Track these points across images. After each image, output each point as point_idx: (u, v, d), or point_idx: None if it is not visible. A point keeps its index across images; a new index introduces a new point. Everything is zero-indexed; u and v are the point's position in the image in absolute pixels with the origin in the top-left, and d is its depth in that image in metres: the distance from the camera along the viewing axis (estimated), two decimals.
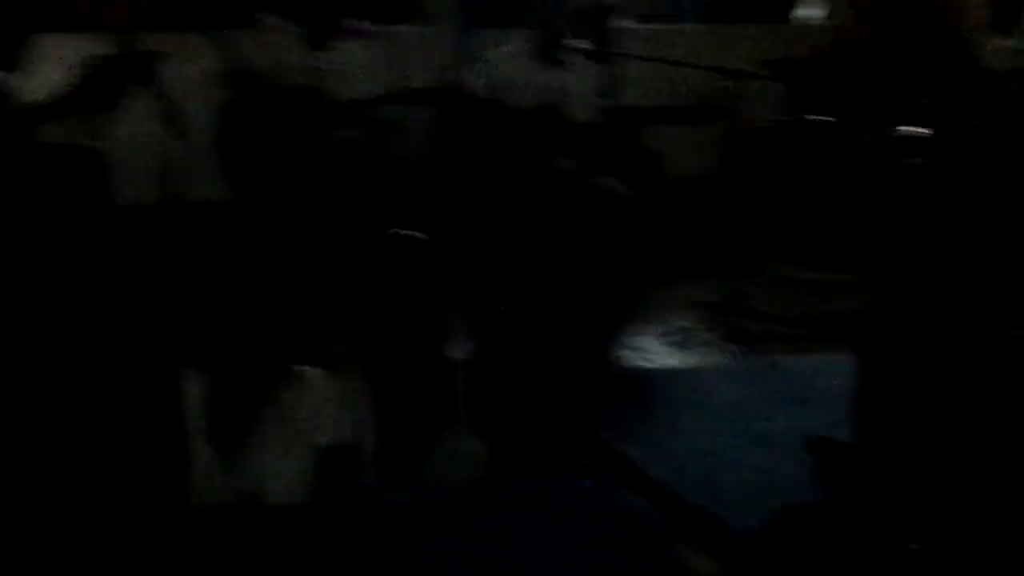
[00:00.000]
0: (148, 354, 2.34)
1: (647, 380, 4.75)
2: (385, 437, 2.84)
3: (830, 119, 6.32)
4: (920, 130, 5.83)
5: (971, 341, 1.79)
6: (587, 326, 4.56)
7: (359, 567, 2.30)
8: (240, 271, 2.64)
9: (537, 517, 1.99)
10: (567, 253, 4.88)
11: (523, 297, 2.36)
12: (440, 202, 5.29)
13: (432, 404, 2.82)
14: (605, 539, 2.01)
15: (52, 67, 5.62)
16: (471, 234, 5.00)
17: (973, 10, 5.55)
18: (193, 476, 2.49)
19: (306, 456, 2.67)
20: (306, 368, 2.71)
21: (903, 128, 5.91)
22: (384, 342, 2.88)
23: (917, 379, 1.86)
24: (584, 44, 5.68)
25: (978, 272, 1.81)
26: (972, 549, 1.76)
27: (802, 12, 7.93)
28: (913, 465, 1.87)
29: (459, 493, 2.10)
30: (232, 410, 2.57)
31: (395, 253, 2.95)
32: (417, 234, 2.97)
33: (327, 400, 2.74)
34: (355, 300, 3.05)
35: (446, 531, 1.99)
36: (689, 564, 3.16)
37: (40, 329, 3.72)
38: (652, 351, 5.06)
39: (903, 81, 5.98)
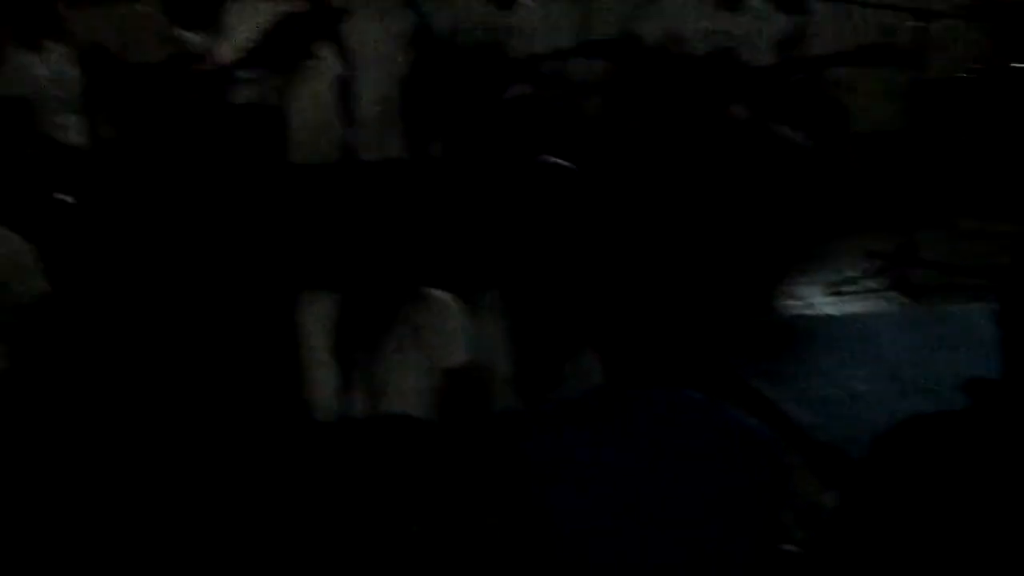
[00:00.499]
0: (287, 281, 2.49)
1: (805, 326, 4.72)
2: (517, 359, 2.93)
3: None
4: None
5: None
6: (741, 272, 4.56)
7: (478, 470, 2.42)
8: (396, 212, 2.77)
9: (648, 422, 2.06)
10: (731, 198, 4.87)
11: (675, 237, 2.40)
12: (609, 148, 5.36)
13: (565, 328, 2.89)
14: (712, 447, 2.06)
15: (243, 29, 5.93)
16: (632, 171, 5.06)
17: None
18: (319, 392, 2.64)
19: (434, 376, 2.78)
20: (437, 291, 2.82)
21: None
22: (521, 266, 2.96)
23: None
24: None
25: None
26: None
27: None
28: None
29: (573, 400, 2.18)
30: (362, 329, 2.71)
31: (542, 181, 3.02)
32: (564, 162, 3.03)
33: (457, 322, 2.84)
34: (495, 229, 3.14)
35: (560, 435, 2.08)
36: (801, 485, 3.17)
37: (216, 270, 3.98)
38: (816, 299, 5.02)
39: None
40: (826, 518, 2.19)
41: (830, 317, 4.82)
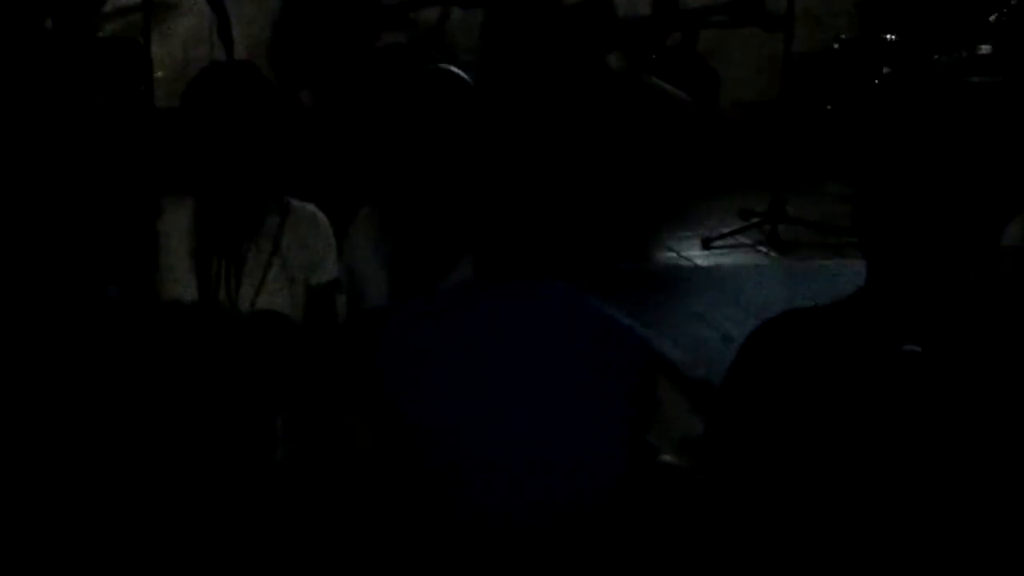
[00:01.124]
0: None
1: (679, 275, 4.75)
2: (391, 274, 2.82)
3: (896, 38, 6.17)
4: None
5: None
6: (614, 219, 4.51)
7: (335, 363, 2.30)
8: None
9: (513, 311, 1.97)
10: (604, 146, 4.83)
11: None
12: (483, 97, 5.25)
13: (441, 245, 2.79)
14: (580, 337, 1.98)
15: None
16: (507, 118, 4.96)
17: None
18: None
19: (299, 291, 2.66)
20: (304, 204, 2.69)
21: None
22: (398, 180, 2.84)
23: None
24: None
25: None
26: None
27: None
28: None
29: (437, 293, 2.08)
30: (222, 238, 2.56)
31: (430, 90, 2.88)
32: (461, 73, 2.90)
33: (325, 237, 2.72)
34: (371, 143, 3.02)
35: (423, 327, 1.98)
36: (675, 417, 3.14)
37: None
38: (690, 251, 5.06)
39: None
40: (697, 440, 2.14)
41: (703, 268, 4.87)
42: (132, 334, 1.80)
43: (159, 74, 5.62)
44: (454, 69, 2.89)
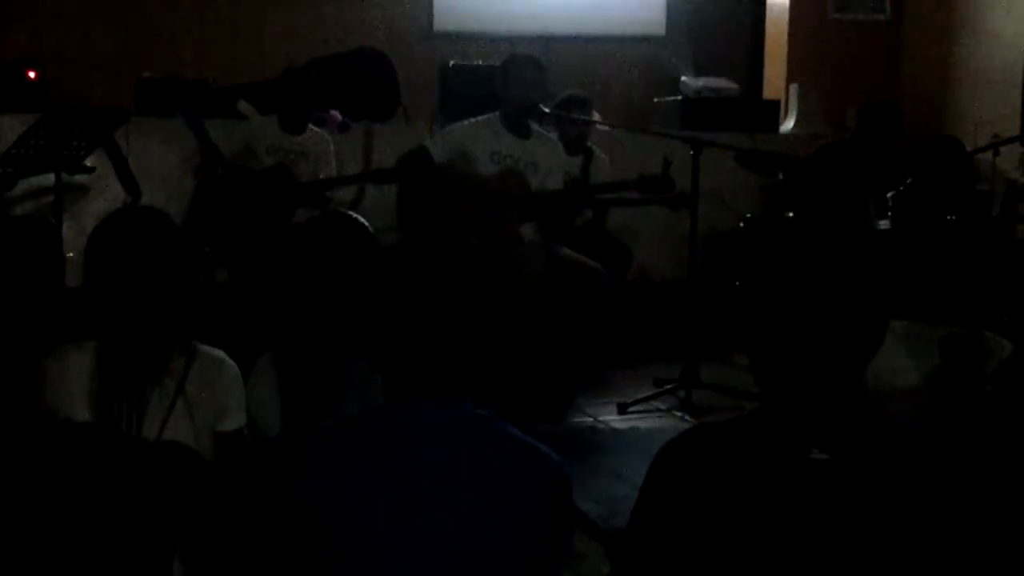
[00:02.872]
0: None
1: (595, 437, 4.76)
2: (286, 417, 2.79)
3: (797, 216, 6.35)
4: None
5: None
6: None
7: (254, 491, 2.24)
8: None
9: (432, 438, 1.92)
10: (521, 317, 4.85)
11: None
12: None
13: (329, 379, 2.77)
14: (496, 463, 1.93)
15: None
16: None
17: None
18: None
19: (204, 436, 2.60)
20: (211, 348, 2.66)
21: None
22: (293, 332, 2.84)
23: None
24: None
25: None
26: None
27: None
28: None
29: (350, 419, 2.04)
30: (124, 380, 2.51)
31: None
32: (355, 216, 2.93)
33: (233, 382, 2.69)
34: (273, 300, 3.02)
35: (338, 451, 1.93)
36: (596, 568, 3.10)
37: None
38: (607, 416, 5.13)
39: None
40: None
41: (619, 431, 4.92)
42: (17, 450, 1.73)
43: (70, 255, 5.58)
44: (349, 212, 2.94)
